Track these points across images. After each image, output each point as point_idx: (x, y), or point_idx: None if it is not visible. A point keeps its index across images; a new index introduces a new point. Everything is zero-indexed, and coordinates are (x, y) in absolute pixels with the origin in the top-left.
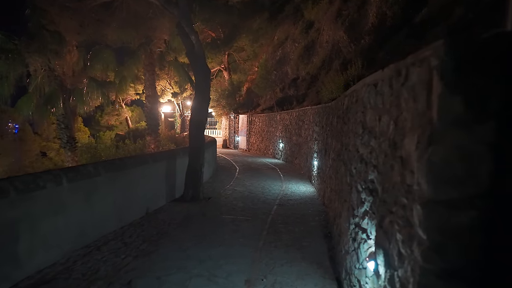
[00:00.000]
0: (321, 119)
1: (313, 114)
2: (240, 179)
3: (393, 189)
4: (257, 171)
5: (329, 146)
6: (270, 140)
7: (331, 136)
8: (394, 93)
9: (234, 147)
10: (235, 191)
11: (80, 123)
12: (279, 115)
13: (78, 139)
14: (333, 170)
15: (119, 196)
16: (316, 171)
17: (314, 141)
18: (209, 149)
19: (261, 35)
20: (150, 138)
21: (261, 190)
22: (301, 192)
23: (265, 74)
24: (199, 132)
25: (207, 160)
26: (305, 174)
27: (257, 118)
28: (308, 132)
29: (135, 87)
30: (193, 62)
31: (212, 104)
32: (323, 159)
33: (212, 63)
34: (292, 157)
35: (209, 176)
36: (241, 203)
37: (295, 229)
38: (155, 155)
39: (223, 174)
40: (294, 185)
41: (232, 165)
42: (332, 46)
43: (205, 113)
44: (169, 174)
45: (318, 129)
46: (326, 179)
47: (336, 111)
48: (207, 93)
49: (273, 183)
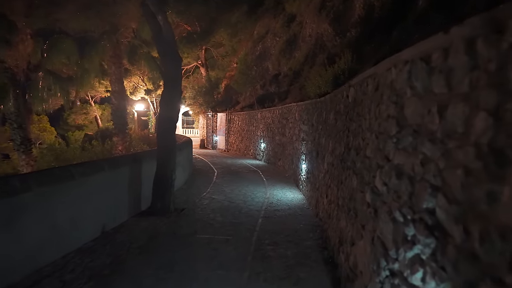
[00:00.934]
0: (310, 117)
1: (300, 112)
2: (219, 184)
3: (497, 235)
4: (238, 174)
5: (323, 148)
6: (251, 140)
7: (325, 136)
8: (485, 61)
9: (212, 147)
10: (213, 200)
11: (46, 123)
12: (260, 113)
13: (43, 140)
14: (331, 178)
15: (61, 215)
16: (304, 176)
17: (302, 141)
18: (183, 150)
19: (240, 29)
20: (117, 138)
21: (243, 198)
22: (288, 199)
23: (245, 70)
24: (169, 131)
25: (181, 164)
26: (290, 177)
27: (236, 117)
28: (293, 131)
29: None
30: (161, 48)
31: (189, 102)
32: (314, 162)
33: (188, 58)
34: (275, 158)
35: (183, 182)
36: (220, 217)
37: (288, 252)
38: (114, 160)
39: (200, 178)
40: (280, 191)
41: (210, 167)
42: (316, 40)
43: (176, 108)
44: (133, 182)
45: (306, 128)
46: (320, 186)
47: (332, 106)
48: (178, 85)
49: (256, 189)
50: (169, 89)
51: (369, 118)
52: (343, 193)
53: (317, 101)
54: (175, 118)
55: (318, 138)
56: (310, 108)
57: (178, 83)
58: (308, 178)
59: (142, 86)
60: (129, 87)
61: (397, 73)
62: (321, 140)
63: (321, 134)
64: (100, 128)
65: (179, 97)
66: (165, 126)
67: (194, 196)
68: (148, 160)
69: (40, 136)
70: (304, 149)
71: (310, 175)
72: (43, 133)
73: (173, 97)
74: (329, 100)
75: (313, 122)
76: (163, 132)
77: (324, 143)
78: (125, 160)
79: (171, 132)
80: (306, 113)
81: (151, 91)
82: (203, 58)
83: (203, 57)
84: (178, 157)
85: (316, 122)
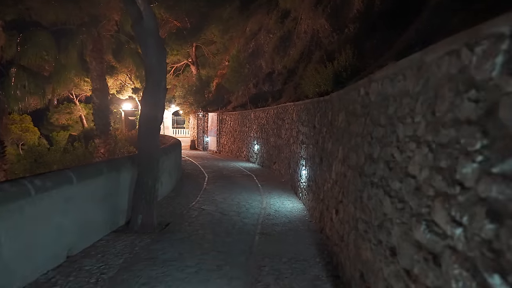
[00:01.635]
0: (311, 118)
1: (298, 112)
2: (210, 191)
3: None
4: (230, 179)
5: (329, 154)
6: (244, 141)
7: (332, 140)
8: None
9: (203, 148)
10: (203, 211)
11: (29, 122)
12: (254, 113)
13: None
14: (344, 192)
15: (8, 244)
16: (305, 183)
17: (301, 144)
18: (170, 154)
19: (231, 26)
20: (99, 140)
21: (237, 209)
22: (287, 210)
23: (238, 67)
24: (152, 133)
25: (167, 170)
26: (287, 183)
27: (228, 117)
28: (290, 133)
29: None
30: (142, 38)
31: (179, 101)
32: (318, 169)
33: (177, 55)
34: (269, 161)
35: (170, 189)
36: (210, 233)
37: (293, 284)
38: (86, 169)
39: (189, 184)
40: (277, 199)
41: (200, 171)
42: (312, 37)
43: (160, 107)
44: (110, 193)
45: (306, 130)
46: (326, 198)
47: (342, 106)
48: (162, 80)
49: (250, 198)
50: (151, 85)
51: (413, 123)
52: (365, 216)
53: (320, 100)
54: (159, 118)
55: (322, 143)
56: (311, 108)
57: (162, 78)
58: (309, 186)
59: (130, 85)
60: (115, 86)
61: (480, 54)
62: (327, 144)
63: (326, 138)
64: (84, 129)
65: (163, 94)
66: (148, 127)
67: (182, 207)
68: (128, 167)
69: (23, 137)
70: (304, 154)
71: (312, 184)
72: (25, 134)
73: (156, 94)
74: (336, 98)
75: (315, 124)
76: (145, 134)
77: (330, 148)
78: (99, 168)
79: (154, 135)
80: (306, 113)
81: (139, 89)
82: (194, 56)
83: (194, 55)
84: (164, 162)
85: (319, 124)
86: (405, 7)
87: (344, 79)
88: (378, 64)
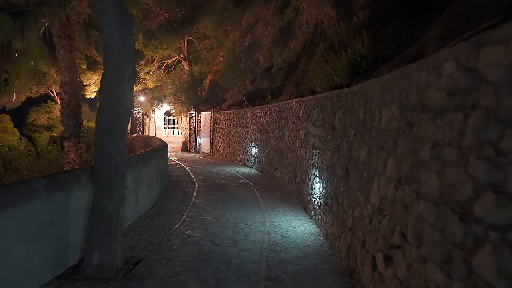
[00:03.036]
0: (328, 116)
1: (306, 109)
2: (199, 207)
3: None
4: (224, 189)
5: (362, 166)
6: (240, 143)
7: (369, 146)
8: None
9: (196, 150)
10: (188, 239)
11: (7, 122)
12: (251, 112)
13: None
14: (400, 229)
15: None
16: (319, 199)
17: (312, 149)
18: (151, 161)
19: (226, 18)
20: (69, 144)
21: (233, 236)
22: (297, 235)
23: (233, 61)
24: (114, 137)
25: (146, 182)
26: (292, 194)
27: (222, 116)
28: (296, 135)
29: None
30: (96, 2)
31: (169, 99)
32: (340, 184)
33: (167, 50)
34: (269, 166)
35: (150, 205)
36: (195, 282)
37: None
38: (8, 191)
39: (175, 196)
40: (283, 217)
41: (190, 179)
42: (315, 28)
43: (126, 101)
44: (53, 222)
45: (320, 132)
46: (361, 229)
47: (390, 98)
48: (128, 63)
49: (249, 216)
50: (113, 70)
51: None
52: None
53: (343, 93)
54: (125, 117)
55: (348, 149)
56: (328, 104)
57: (128, 60)
58: (326, 205)
59: None
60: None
61: None
62: (357, 152)
63: (355, 143)
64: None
65: (130, 83)
66: (108, 129)
67: (162, 231)
68: (84, 183)
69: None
70: (318, 161)
71: (332, 202)
72: (3, 135)
73: (119, 83)
74: (376, 88)
75: (333, 124)
76: (104, 138)
77: (365, 158)
78: (33, 188)
79: (118, 139)
80: (320, 111)
81: None
82: (186, 51)
83: (186, 50)
84: (140, 172)
85: (341, 124)
86: None
87: (364, 69)
88: (411, 52)
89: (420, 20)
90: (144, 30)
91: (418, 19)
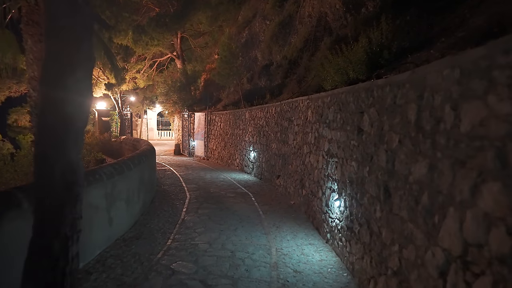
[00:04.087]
0: (351, 116)
1: (317, 108)
2: (189, 226)
3: None
4: (220, 202)
5: (417, 184)
6: (236, 146)
7: (423, 156)
8: None
9: (189, 154)
10: (172, 277)
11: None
12: (249, 113)
13: None
14: None
15: None
16: (340, 221)
17: (327, 157)
18: (131, 171)
19: (221, 12)
20: None
21: (230, 272)
22: (314, 270)
23: (229, 57)
24: (64, 146)
25: (125, 197)
26: (299, 208)
27: (218, 117)
28: (303, 139)
29: None
30: None
31: (161, 99)
32: (375, 206)
33: (159, 46)
34: (270, 173)
35: (129, 225)
36: None
37: None
38: None
39: (162, 212)
40: (292, 241)
41: (181, 187)
42: (318, 21)
43: (83, 94)
44: None
45: (340, 136)
46: (412, 275)
47: (496, 80)
48: (83, 38)
49: (251, 240)
50: (59, 48)
51: None
52: None
53: (375, 85)
54: (79, 117)
55: (388, 160)
56: (350, 100)
57: (84, 33)
58: (352, 231)
59: (103, 80)
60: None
61: None
62: (411, 167)
63: (400, 153)
64: None
65: (86, 67)
66: (53, 134)
67: (139, 265)
68: (24, 209)
69: None
70: (336, 172)
71: (361, 229)
72: None
73: (69, 67)
74: (449, 72)
75: (360, 126)
76: (47, 149)
77: (425, 176)
78: None
79: (68, 150)
80: (337, 109)
81: (113, 85)
82: (179, 49)
83: (179, 48)
84: (115, 186)
85: (374, 127)
86: None
87: (386, 60)
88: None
89: (439, 9)
90: (134, 25)
91: (437, 7)
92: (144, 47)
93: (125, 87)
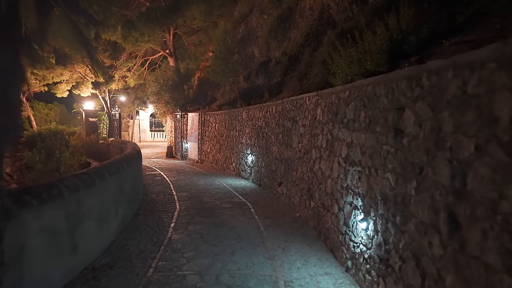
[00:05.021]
0: (382, 114)
1: (330, 106)
2: (177, 249)
3: None
4: (214, 215)
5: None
6: (233, 149)
7: None
8: None
9: (182, 156)
10: None
11: None
12: (246, 112)
13: None
14: None
15: None
16: (370, 250)
17: (345, 164)
18: (104, 182)
19: (216, 7)
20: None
21: None
22: None
23: (225, 53)
24: None
25: (96, 215)
26: (306, 222)
27: (212, 117)
28: (312, 142)
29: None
30: None
31: (152, 99)
32: (430, 238)
33: (149, 43)
34: (271, 180)
35: (105, 245)
36: None
37: None
38: None
39: (146, 228)
40: (303, 270)
41: (171, 196)
42: (320, 14)
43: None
44: None
45: (364, 139)
46: None
47: None
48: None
49: (253, 269)
50: None
51: None
52: None
53: (425, 69)
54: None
55: (454, 176)
56: (382, 93)
57: None
58: (387, 263)
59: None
60: (72, 80)
61: None
62: (503, 189)
63: (475, 165)
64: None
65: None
66: None
67: None
68: None
69: None
70: (359, 184)
71: (405, 266)
72: None
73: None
74: None
75: (398, 126)
76: None
77: None
78: None
79: None
80: (361, 105)
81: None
82: (172, 46)
83: (172, 45)
84: (81, 203)
85: (424, 128)
86: None
87: (414, 48)
88: None
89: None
90: (123, 20)
91: None
92: (134, 43)
93: (114, 86)
